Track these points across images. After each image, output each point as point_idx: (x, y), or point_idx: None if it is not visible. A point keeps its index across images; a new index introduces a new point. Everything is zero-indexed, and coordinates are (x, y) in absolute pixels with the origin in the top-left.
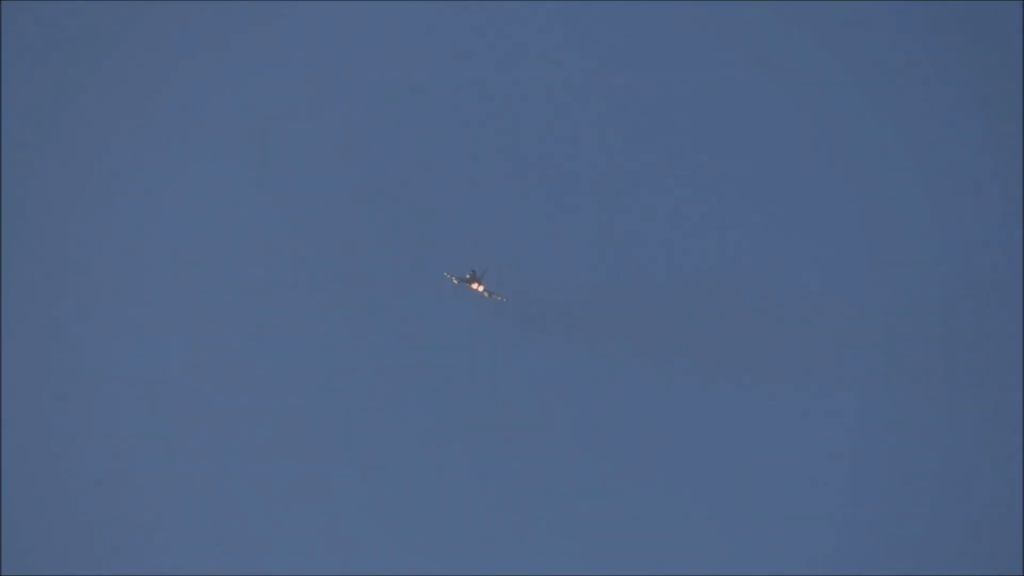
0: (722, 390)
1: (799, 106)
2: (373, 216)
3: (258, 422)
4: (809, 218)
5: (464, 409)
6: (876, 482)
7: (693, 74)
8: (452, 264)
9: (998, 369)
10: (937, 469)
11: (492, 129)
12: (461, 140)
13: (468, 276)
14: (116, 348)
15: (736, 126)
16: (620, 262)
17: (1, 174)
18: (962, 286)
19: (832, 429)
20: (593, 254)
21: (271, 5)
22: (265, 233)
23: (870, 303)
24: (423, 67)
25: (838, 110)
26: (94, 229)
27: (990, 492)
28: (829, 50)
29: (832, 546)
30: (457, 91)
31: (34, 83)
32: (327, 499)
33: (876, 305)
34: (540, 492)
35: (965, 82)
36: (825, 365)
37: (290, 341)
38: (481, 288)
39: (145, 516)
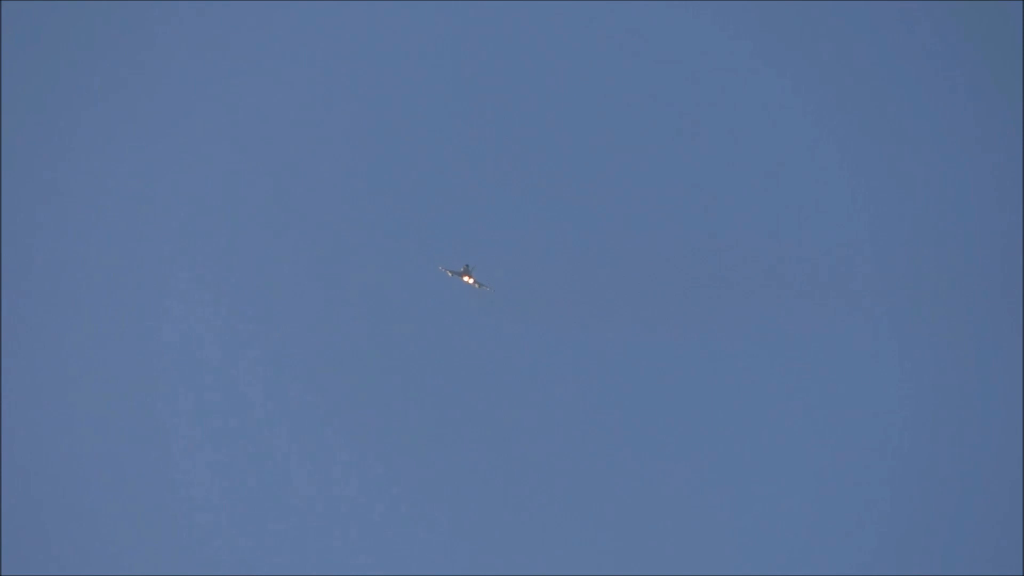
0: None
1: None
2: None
3: (258, 422)
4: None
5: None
6: (875, 482)
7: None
8: (446, 260)
9: (998, 371)
10: (936, 470)
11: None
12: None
13: (461, 270)
14: (116, 349)
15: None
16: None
17: (1, 174)
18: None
19: (829, 431)
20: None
21: (271, 5)
22: (264, 232)
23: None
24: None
25: (837, 110)
26: (94, 229)
27: (990, 491)
28: (830, 49)
29: (831, 546)
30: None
31: (34, 83)
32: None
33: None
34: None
35: (965, 82)
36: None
37: (290, 340)
38: (472, 280)
39: (144, 516)
